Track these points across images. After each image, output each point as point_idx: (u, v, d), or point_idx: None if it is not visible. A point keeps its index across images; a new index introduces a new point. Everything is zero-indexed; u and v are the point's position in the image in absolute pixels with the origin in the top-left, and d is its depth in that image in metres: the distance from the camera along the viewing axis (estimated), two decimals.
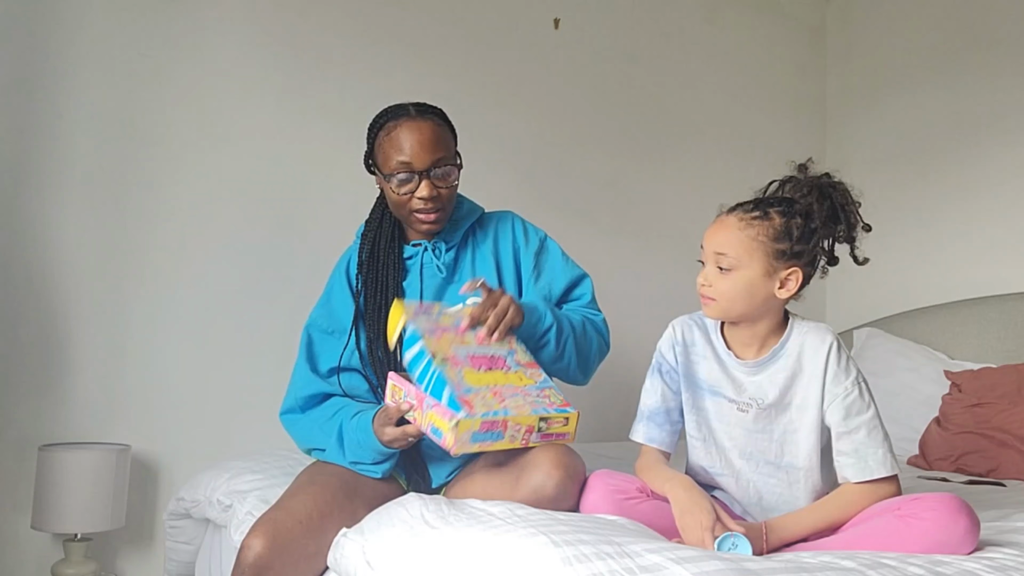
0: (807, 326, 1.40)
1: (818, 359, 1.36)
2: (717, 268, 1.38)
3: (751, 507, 1.41)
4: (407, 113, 1.60)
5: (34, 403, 2.14)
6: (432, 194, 1.58)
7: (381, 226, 1.69)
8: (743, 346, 1.43)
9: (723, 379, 1.43)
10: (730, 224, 1.37)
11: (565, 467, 1.37)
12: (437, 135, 1.59)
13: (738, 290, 1.36)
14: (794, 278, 1.36)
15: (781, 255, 1.35)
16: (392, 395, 1.43)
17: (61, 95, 2.19)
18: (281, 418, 1.68)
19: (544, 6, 2.91)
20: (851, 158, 3.38)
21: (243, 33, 2.42)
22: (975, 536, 1.20)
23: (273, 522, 1.39)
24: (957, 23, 3.04)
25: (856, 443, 1.33)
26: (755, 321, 1.40)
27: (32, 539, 2.13)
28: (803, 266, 1.36)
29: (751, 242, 1.35)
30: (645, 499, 1.36)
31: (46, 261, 2.17)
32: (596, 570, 1.00)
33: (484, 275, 1.69)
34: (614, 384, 2.82)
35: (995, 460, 2.19)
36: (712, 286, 1.38)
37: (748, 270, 1.35)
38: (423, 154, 1.57)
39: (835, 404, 1.35)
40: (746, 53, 3.33)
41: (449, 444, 1.29)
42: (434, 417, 1.33)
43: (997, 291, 2.77)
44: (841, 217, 1.37)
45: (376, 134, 1.63)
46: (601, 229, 2.97)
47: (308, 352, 1.67)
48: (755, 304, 1.37)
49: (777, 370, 1.39)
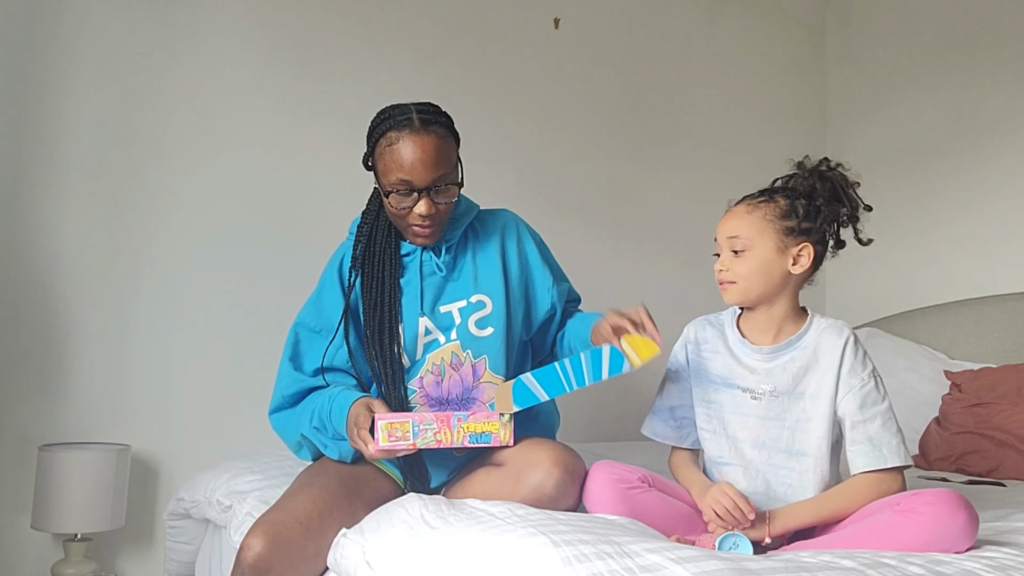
0: (826, 323, 1.45)
1: (834, 352, 1.40)
2: (732, 253, 1.44)
3: (757, 496, 1.42)
4: (410, 124, 1.53)
5: (34, 403, 2.14)
6: (431, 211, 1.55)
7: (378, 221, 1.66)
8: (759, 333, 1.47)
9: (737, 369, 1.46)
10: (739, 211, 1.46)
11: (564, 465, 1.37)
12: (439, 150, 1.54)
13: (754, 269, 1.42)
14: (806, 253, 1.42)
15: (790, 232, 1.42)
16: (389, 434, 1.39)
17: (61, 95, 2.19)
18: (270, 417, 1.68)
19: (544, 6, 2.91)
20: (851, 158, 3.32)
21: (243, 33, 2.42)
22: (974, 531, 1.21)
23: (273, 523, 1.38)
24: (957, 23, 3.04)
25: (871, 432, 1.36)
26: (772, 303, 1.45)
27: (32, 539, 2.13)
28: (814, 243, 1.43)
29: (760, 222, 1.43)
30: (647, 489, 1.38)
31: (46, 261, 2.17)
32: (596, 570, 1.00)
33: (489, 275, 1.68)
34: (614, 383, 2.82)
35: (995, 460, 2.19)
36: (729, 270, 1.44)
37: (761, 248, 1.42)
38: (424, 172, 1.52)
39: (851, 394, 1.38)
40: (746, 53, 3.33)
41: (505, 437, 1.44)
42: (474, 426, 1.40)
43: (997, 291, 2.77)
44: (844, 198, 1.45)
45: (377, 140, 1.57)
46: (600, 229, 2.97)
47: (294, 351, 1.66)
48: (772, 283, 1.43)
49: (792, 359, 1.42)
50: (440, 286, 1.66)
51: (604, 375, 1.40)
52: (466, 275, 1.67)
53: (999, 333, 2.65)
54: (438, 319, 1.64)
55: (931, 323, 2.84)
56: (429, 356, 1.62)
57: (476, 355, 1.62)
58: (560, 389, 1.43)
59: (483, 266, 1.68)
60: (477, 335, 1.63)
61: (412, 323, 1.62)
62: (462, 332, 1.63)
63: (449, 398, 1.60)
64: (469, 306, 1.65)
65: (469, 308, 1.65)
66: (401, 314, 1.62)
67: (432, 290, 1.65)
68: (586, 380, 1.41)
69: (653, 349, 1.40)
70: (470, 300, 1.65)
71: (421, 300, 1.63)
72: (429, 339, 1.63)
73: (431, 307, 1.64)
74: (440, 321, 1.64)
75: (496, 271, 1.68)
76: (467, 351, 1.62)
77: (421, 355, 1.62)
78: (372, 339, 1.60)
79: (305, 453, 1.68)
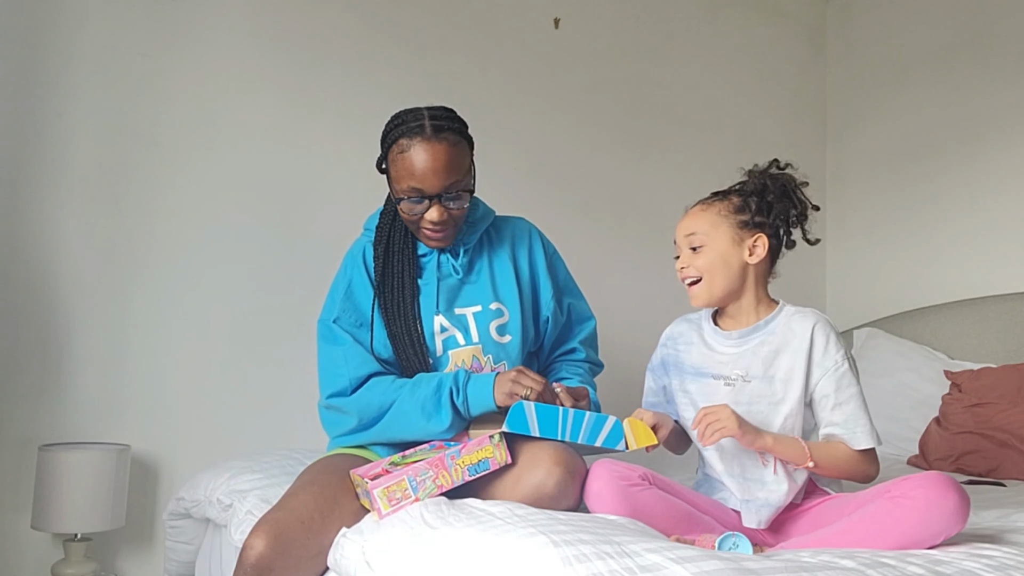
0: (795, 309, 1.51)
1: (803, 335, 1.45)
2: (690, 250, 1.52)
3: (734, 481, 1.46)
4: (421, 132, 1.53)
5: (34, 403, 2.14)
6: (443, 218, 1.58)
7: (395, 223, 1.68)
8: (730, 320, 1.54)
9: (709, 358, 1.52)
10: (695, 211, 1.55)
11: (565, 464, 1.38)
12: (451, 158, 1.54)
13: (713, 262, 1.49)
14: (761, 244, 1.49)
15: (744, 225, 1.50)
16: (389, 498, 1.36)
17: (61, 95, 2.19)
18: (329, 401, 1.61)
19: (544, 6, 2.91)
20: (851, 158, 3.39)
21: (243, 33, 2.42)
22: (965, 511, 1.23)
23: (275, 522, 1.38)
24: (957, 22, 3.04)
25: (846, 414, 1.42)
26: (738, 295, 1.51)
27: (32, 539, 2.13)
28: (768, 236, 1.50)
29: (715, 217, 1.51)
30: (647, 486, 1.39)
31: (46, 261, 2.17)
32: (596, 570, 1.00)
33: (505, 283, 1.70)
34: (614, 383, 2.82)
35: (995, 460, 2.19)
36: (689, 266, 1.51)
37: (717, 241, 1.50)
38: (435, 180, 1.54)
39: (827, 377, 1.43)
40: (746, 53, 3.33)
41: (502, 458, 1.42)
42: (468, 458, 1.40)
43: (997, 291, 2.77)
44: (793, 198, 1.52)
45: (390, 146, 1.58)
46: (601, 228, 2.97)
47: (352, 337, 1.62)
48: (732, 274, 1.49)
49: (761, 343, 1.48)
50: (456, 288, 1.68)
51: (598, 442, 1.45)
52: (483, 280, 1.69)
53: (999, 333, 2.66)
54: (453, 320, 1.66)
55: (931, 323, 2.84)
56: (451, 354, 1.65)
57: (496, 360, 1.67)
58: (552, 434, 1.43)
59: (499, 274, 1.72)
60: (499, 341, 1.67)
61: (428, 321, 1.65)
62: (484, 337, 1.66)
63: None
64: (488, 312, 1.67)
65: (488, 314, 1.67)
66: (419, 312, 1.64)
67: (447, 291, 1.67)
68: (580, 438, 1.45)
69: (652, 440, 1.45)
70: (488, 307, 1.68)
71: (437, 300, 1.65)
72: (446, 336, 1.65)
73: (447, 307, 1.66)
74: (455, 322, 1.66)
75: (510, 279, 1.71)
76: (488, 355, 1.66)
77: (442, 352, 1.65)
78: (400, 337, 1.61)
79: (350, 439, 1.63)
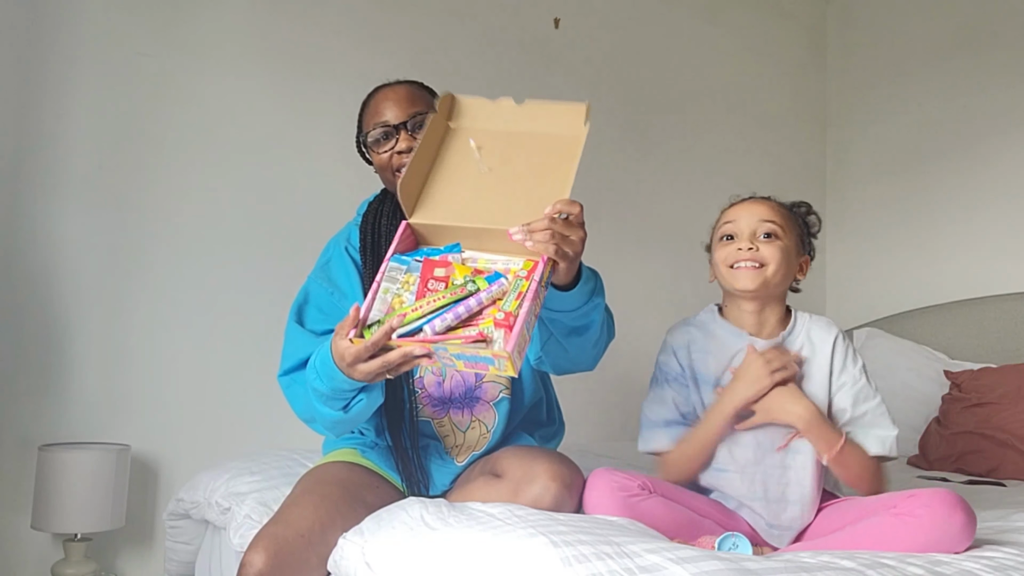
0: (809, 316, 1.49)
1: (826, 345, 1.44)
2: (762, 237, 1.44)
3: (756, 502, 1.41)
4: (384, 84, 1.66)
5: (34, 403, 2.14)
6: (411, 146, 1.56)
7: (383, 203, 1.68)
8: (750, 323, 1.48)
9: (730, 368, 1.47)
10: (767, 203, 1.48)
11: (562, 479, 1.36)
12: (412, 93, 1.62)
13: (782, 257, 1.43)
14: (806, 266, 1.49)
15: (801, 243, 1.48)
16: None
17: (61, 95, 2.19)
18: (280, 380, 1.58)
19: (544, 6, 2.91)
20: (851, 158, 3.39)
21: (243, 33, 2.42)
22: (971, 531, 1.21)
23: (274, 537, 1.35)
24: (957, 23, 3.04)
25: (863, 424, 1.41)
26: (770, 303, 1.47)
27: (32, 539, 2.13)
28: (809, 260, 1.50)
29: (791, 216, 1.48)
30: (648, 495, 1.36)
31: (46, 261, 2.17)
32: (595, 570, 1.00)
33: None
34: (615, 382, 2.83)
35: (995, 460, 2.19)
36: (759, 250, 1.43)
37: (788, 241, 1.45)
38: (397, 109, 1.59)
39: (843, 391, 1.42)
40: (746, 53, 3.33)
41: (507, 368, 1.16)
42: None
43: (997, 291, 2.77)
44: (811, 242, 1.53)
45: (360, 114, 1.67)
46: (601, 228, 2.95)
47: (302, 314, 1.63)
48: (788, 279, 1.47)
49: (797, 349, 1.45)
50: None
51: None
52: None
53: (999, 333, 2.66)
54: None
55: (931, 323, 2.84)
56: None
57: None
58: None
59: None
60: None
61: None
62: None
63: (452, 397, 1.60)
64: None
65: None
66: None
67: None
68: None
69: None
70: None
71: None
72: None
73: None
74: None
75: None
76: None
77: None
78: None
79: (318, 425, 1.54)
